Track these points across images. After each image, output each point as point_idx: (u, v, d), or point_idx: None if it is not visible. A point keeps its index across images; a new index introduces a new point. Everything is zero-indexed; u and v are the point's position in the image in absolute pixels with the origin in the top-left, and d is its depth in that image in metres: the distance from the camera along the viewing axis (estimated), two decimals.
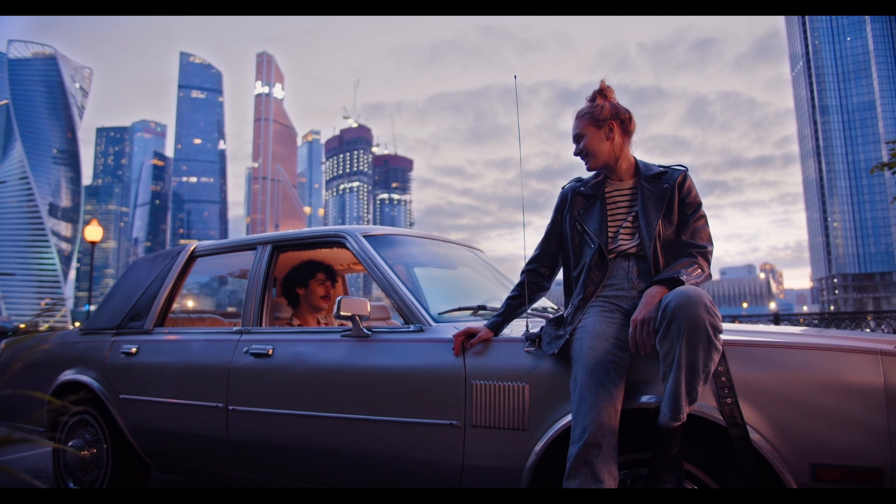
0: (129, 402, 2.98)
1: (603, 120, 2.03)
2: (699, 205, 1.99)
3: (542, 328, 2.03)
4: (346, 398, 2.29)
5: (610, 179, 2.09)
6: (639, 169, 2.06)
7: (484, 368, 2.03)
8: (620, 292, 1.94)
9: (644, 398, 1.77)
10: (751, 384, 1.67)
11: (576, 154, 2.09)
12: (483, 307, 2.48)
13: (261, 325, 2.78)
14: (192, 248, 3.27)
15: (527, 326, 2.10)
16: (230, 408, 2.59)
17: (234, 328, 2.82)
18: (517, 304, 2.18)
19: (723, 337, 1.72)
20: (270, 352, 2.56)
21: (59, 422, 3.34)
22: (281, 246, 2.92)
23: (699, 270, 1.87)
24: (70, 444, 3.22)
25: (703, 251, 1.92)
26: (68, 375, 3.25)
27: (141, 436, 2.96)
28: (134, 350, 3.05)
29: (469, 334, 2.10)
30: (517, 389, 1.95)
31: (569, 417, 1.80)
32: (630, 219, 2.00)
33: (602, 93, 2.10)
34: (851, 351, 1.62)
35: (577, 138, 2.08)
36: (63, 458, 3.26)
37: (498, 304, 2.70)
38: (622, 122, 2.05)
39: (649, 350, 1.72)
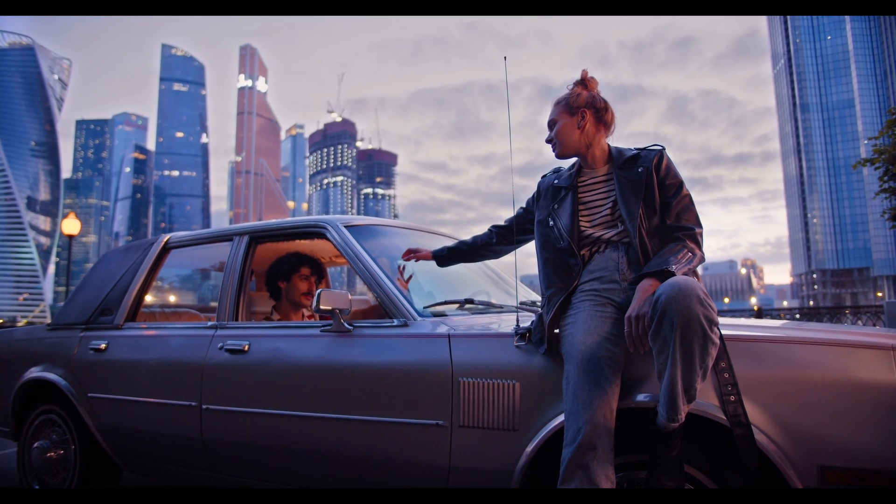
0: (98, 400, 2.83)
1: (577, 108, 1.96)
2: (680, 184, 1.88)
3: (532, 322, 1.92)
4: (325, 396, 2.17)
5: (584, 169, 2.01)
6: (612, 156, 1.97)
7: (472, 365, 1.92)
8: (611, 285, 1.83)
9: (640, 397, 1.67)
10: (755, 381, 1.57)
11: (546, 141, 2.03)
12: (470, 301, 2.37)
13: (237, 319, 2.64)
14: (165, 239, 3.12)
15: (517, 321, 1.99)
16: (204, 407, 2.46)
17: (209, 323, 2.68)
18: (467, 249, 2.40)
19: (726, 332, 1.63)
20: (246, 348, 2.43)
21: (25, 422, 3.18)
22: (258, 237, 2.78)
23: (689, 255, 1.76)
24: (35, 444, 3.06)
25: (690, 233, 1.81)
26: (34, 373, 3.09)
27: (110, 436, 2.82)
28: (103, 346, 2.90)
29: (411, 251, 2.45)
30: (507, 387, 1.84)
31: (562, 417, 1.70)
32: (610, 206, 1.89)
33: (583, 82, 2.02)
34: (861, 346, 1.53)
35: (551, 125, 2.01)
36: (28, 460, 3.10)
37: (485, 298, 2.61)
38: (597, 110, 1.96)
39: (648, 347, 1.62)
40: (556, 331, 1.82)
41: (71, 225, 17.81)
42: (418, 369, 2.01)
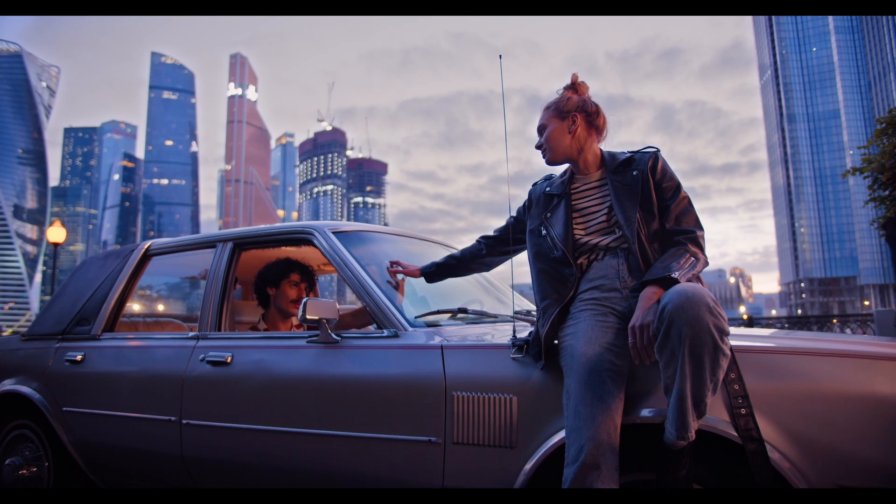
0: (73, 415, 2.70)
1: (567, 112, 1.88)
2: (678, 186, 1.80)
3: (530, 333, 1.82)
4: (312, 411, 2.06)
5: (576, 175, 1.92)
6: (605, 160, 1.89)
7: (466, 378, 1.82)
8: (612, 293, 1.74)
9: (645, 412, 1.58)
10: (768, 396, 1.48)
11: (536, 147, 1.95)
12: (464, 310, 2.27)
13: (220, 329, 2.53)
14: (146, 246, 3.00)
15: (514, 331, 1.89)
16: (184, 422, 2.34)
17: (190, 333, 2.56)
18: (456, 263, 2.30)
19: (736, 343, 1.54)
20: (229, 359, 2.32)
21: None
22: (243, 243, 2.67)
23: (692, 259, 1.67)
24: (7, 461, 2.92)
25: (691, 236, 1.72)
26: (6, 386, 2.95)
27: (86, 452, 2.68)
28: (79, 358, 2.77)
29: (397, 263, 2.35)
30: (504, 402, 1.74)
31: (563, 433, 1.60)
32: (605, 212, 1.81)
33: (573, 86, 1.94)
34: (881, 358, 1.45)
35: (541, 130, 1.93)
36: None
37: (479, 307, 2.51)
38: (588, 114, 1.88)
39: (653, 359, 1.53)
40: (556, 342, 1.73)
41: (56, 233, 17.56)
42: (410, 383, 1.90)
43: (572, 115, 1.87)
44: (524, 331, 1.97)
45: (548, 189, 1.96)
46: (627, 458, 1.57)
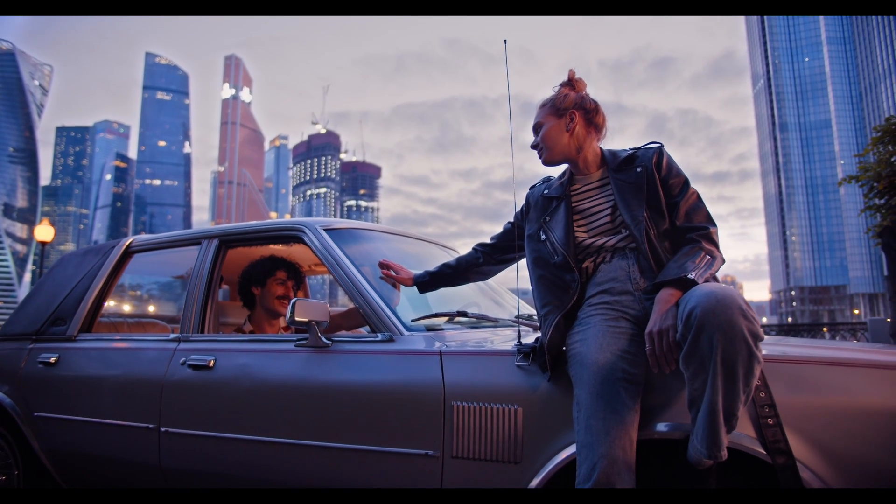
0: (46, 420, 2.54)
1: (564, 109, 1.76)
2: (685, 182, 1.68)
3: (537, 340, 1.69)
4: (299, 420, 1.92)
5: (576, 176, 1.81)
6: (605, 159, 1.78)
7: (467, 387, 1.68)
8: (624, 297, 1.61)
9: (661, 426, 1.45)
10: (798, 410, 1.35)
11: (532, 146, 1.83)
12: (463, 313, 2.14)
13: (203, 331, 2.38)
14: (127, 242, 2.85)
15: (518, 337, 1.76)
16: (162, 430, 2.19)
17: (171, 335, 2.42)
18: (451, 272, 2.16)
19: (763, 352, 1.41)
20: (211, 363, 2.17)
21: None
22: (229, 240, 2.53)
23: (708, 258, 1.55)
24: None
25: (704, 233, 1.61)
26: None
27: (58, 461, 2.53)
28: (53, 360, 2.61)
29: (389, 266, 2.19)
30: (507, 413, 1.60)
31: (572, 448, 1.47)
32: (609, 213, 1.69)
33: (570, 83, 1.82)
34: None
35: (537, 129, 1.82)
36: None
37: (477, 310, 2.38)
38: (586, 112, 1.77)
39: (674, 366, 1.40)
40: (564, 348, 1.60)
41: (44, 231, 17.30)
42: (405, 391, 1.76)
43: (570, 112, 1.76)
44: (528, 335, 1.83)
45: (546, 191, 1.84)
46: (641, 476, 1.43)
